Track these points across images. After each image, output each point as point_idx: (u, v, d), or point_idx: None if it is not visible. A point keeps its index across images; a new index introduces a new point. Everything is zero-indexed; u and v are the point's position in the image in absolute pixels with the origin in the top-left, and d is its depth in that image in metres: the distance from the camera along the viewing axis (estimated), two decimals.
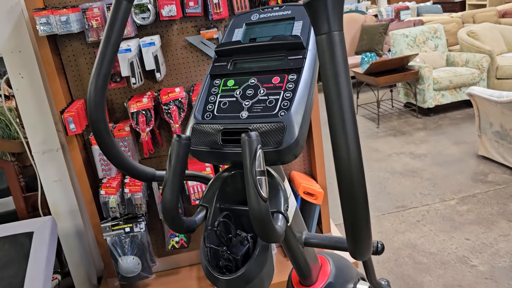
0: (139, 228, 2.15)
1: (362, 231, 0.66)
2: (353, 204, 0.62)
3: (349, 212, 0.63)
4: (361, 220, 0.64)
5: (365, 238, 0.67)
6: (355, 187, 0.60)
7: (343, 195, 0.62)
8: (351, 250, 0.71)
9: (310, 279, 1.22)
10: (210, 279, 0.79)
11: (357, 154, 0.59)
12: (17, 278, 1.90)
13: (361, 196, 0.61)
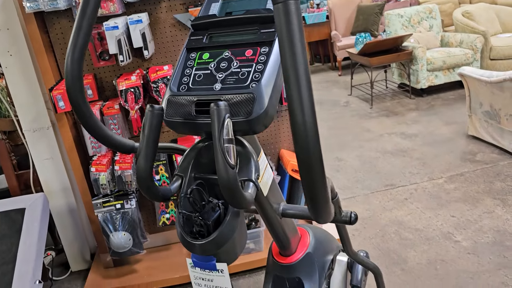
0: (130, 204, 2.19)
1: (319, 194, 0.69)
2: (309, 169, 0.65)
3: (306, 177, 0.66)
4: (317, 183, 0.67)
5: (322, 201, 0.71)
6: (310, 151, 0.63)
7: (300, 160, 0.65)
8: (312, 213, 0.75)
9: (289, 250, 1.26)
10: (184, 244, 0.83)
11: (312, 119, 0.61)
12: (10, 252, 1.95)
13: (316, 160, 0.64)
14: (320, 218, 0.75)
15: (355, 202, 2.91)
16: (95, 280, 2.33)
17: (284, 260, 1.28)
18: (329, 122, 4.50)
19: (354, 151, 3.70)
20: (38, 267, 1.92)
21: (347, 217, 1.08)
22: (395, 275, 2.18)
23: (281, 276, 1.31)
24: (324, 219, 0.76)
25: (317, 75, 6.68)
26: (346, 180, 3.23)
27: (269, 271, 1.34)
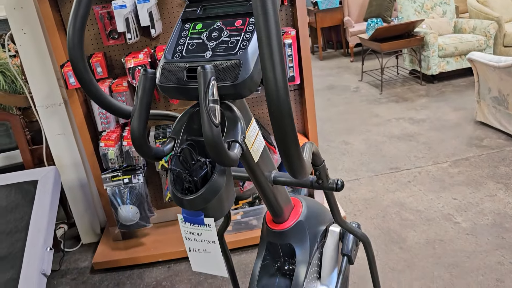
0: (137, 179, 2.27)
1: (292, 151, 0.75)
2: (280, 123, 0.70)
3: (280, 137, 0.72)
4: (289, 142, 0.73)
5: (295, 158, 0.77)
6: (281, 104, 0.68)
7: (274, 122, 0.71)
8: (287, 168, 0.80)
9: (282, 217, 1.33)
10: (175, 200, 0.90)
11: (282, 76, 0.66)
12: (23, 221, 2.05)
13: (286, 114, 0.69)
14: (294, 172, 0.81)
15: (359, 184, 2.96)
16: (104, 252, 2.44)
17: (276, 227, 1.34)
18: (339, 107, 4.52)
19: (361, 135, 3.73)
20: (49, 235, 2.02)
21: (333, 184, 1.14)
22: (393, 253, 2.23)
23: (274, 242, 1.38)
24: (299, 174, 0.82)
25: (329, 61, 6.67)
26: (351, 163, 3.27)
27: (263, 238, 1.40)
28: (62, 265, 2.53)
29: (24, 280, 1.84)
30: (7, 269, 1.89)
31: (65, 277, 2.42)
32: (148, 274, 2.33)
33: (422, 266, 2.12)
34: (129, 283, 2.29)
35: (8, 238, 1.99)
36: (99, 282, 2.33)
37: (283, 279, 1.40)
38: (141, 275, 2.34)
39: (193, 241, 0.95)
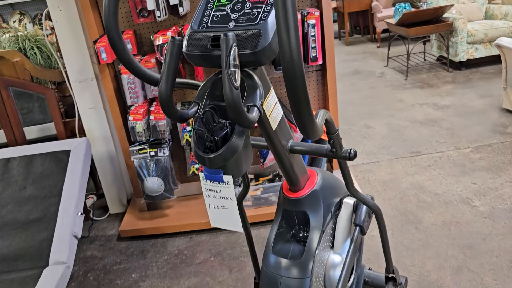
0: (162, 153, 2.38)
1: (303, 110, 0.82)
2: (294, 90, 0.77)
3: (292, 96, 0.79)
4: (301, 100, 0.80)
5: (306, 117, 0.84)
6: (296, 74, 0.75)
7: (287, 82, 0.77)
8: (299, 129, 0.87)
9: (298, 186, 1.40)
10: (197, 158, 0.98)
11: (296, 46, 0.73)
12: (56, 187, 2.19)
13: (300, 82, 0.76)
14: (305, 130, 0.88)
15: (379, 166, 2.99)
16: (130, 221, 2.57)
17: (292, 195, 1.42)
18: (362, 92, 4.53)
19: (383, 119, 3.75)
20: (80, 201, 2.16)
21: (346, 153, 1.20)
22: (409, 233, 2.28)
23: (289, 210, 1.45)
24: (309, 133, 0.89)
25: (355, 46, 6.63)
26: (372, 146, 3.30)
27: (279, 206, 1.48)
28: (91, 232, 2.68)
29: (58, 240, 1.98)
30: (42, 230, 2.04)
31: (93, 243, 2.57)
32: (171, 243, 2.45)
33: (437, 246, 2.16)
34: (153, 251, 2.41)
35: (43, 202, 2.14)
36: (125, 249, 2.47)
37: (297, 245, 1.47)
38: (164, 244, 2.46)
39: (212, 198, 1.03)
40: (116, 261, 2.38)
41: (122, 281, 2.21)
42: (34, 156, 2.31)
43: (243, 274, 2.14)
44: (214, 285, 2.10)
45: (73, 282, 2.26)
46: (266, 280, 1.43)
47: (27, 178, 2.24)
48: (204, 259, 2.29)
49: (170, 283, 2.16)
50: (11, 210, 2.14)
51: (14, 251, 1.99)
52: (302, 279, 1.36)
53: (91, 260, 2.41)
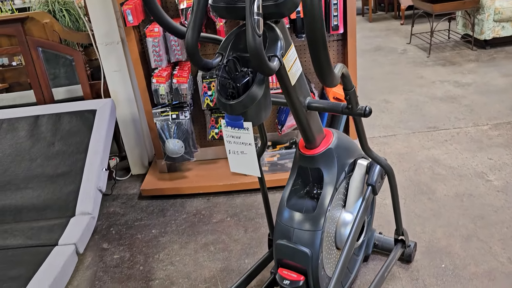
0: (184, 116, 2.46)
1: (321, 55, 0.87)
2: (313, 34, 0.82)
3: (311, 41, 0.84)
4: (319, 45, 0.85)
5: (324, 61, 0.89)
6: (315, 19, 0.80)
7: (307, 26, 0.83)
8: (318, 77, 0.93)
9: (314, 144, 1.46)
10: (219, 105, 1.05)
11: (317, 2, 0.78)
12: (83, 144, 2.30)
13: (319, 27, 0.81)
14: (323, 77, 0.93)
15: (395, 139, 3.02)
16: (151, 181, 2.68)
17: (308, 152, 1.48)
18: (384, 68, 4.50)
19: (403, 94, 3.74)
20: (105, 158, 2.26)
21: (362, 110, 1.25)
22: (421, 203, 2.32)
23: (304, 167, 1.52)
24: (329, 82, 0.94)
25: (379, 23, 6.53)
26: (389, 120, 3.32)
27: (295, 163, 1.55)
28: (114, 191, 2.80)
29: (83, 193, 2.10)
30: (69, 183, 2.16)
31: (116, 200, 2.69)
32: (189, 204, 2.56)
33: (448, 215, 2.20)
34: (172, 210, 2.52)
35: (70, 158, 2.25)
36: (146, 207, 2.58)
37: (310, 201, 1.54)
38: (183, 204, 2.56)
39: (232, 144, 1.10)
40: (137, 217, 2.49)
41: (142, 236, 2.33)
42: (62, 114, 2.41)
43: (258, 234, 2.23)
44: (229, 243, 2.20)
45: (97, 235, 2.38)
46: (280, 232, 1.51)
47: (55, 134, 2.35)
48: (220, 219, 2.39)
49: (188, 239, 2.26)
50: (40, 164, 2.26)
51: (43, 201, 2.11)
52: (314, 232, 1.44)
53: (114, 216, 2.54)
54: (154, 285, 1.99)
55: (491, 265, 1.87)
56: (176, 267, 2.08)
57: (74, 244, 1.85)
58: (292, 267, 1.48)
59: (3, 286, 1.63)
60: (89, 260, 2.21)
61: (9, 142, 2.35)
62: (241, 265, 2.04)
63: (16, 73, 3.99)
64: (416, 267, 1.91)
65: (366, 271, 1.91)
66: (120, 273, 2.08)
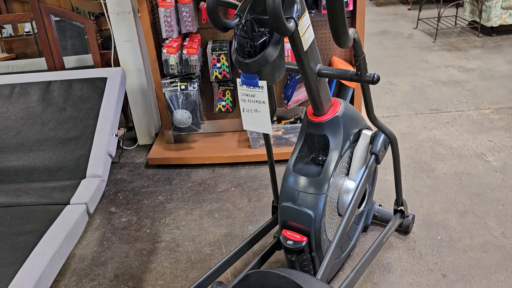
0: (192, 87, 2.51)
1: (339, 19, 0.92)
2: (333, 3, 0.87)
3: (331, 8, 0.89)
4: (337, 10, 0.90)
5: (342, 27, 0.94)
6: None
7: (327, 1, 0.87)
8: (334, 39, 0.98)
9: (321, 111, 1.52)
10: (237, 64, 1.10)
11: None
12: (93, 110, 2.35)
13: None
14: (339, 39, 0.98)
15: (398, 120, 3.08)
16: (158, 151, 2.74)
17: (315, 119, 1.54)
18: (389, 51, 4.53)
19: (407, 77, 3.79)
20: (115, 124, 2.31)
21: (370, 77, 1.31)
22: (420, 179, 2.39)
23: (312, 133, 1.58)
24: (343, 41, 0.99)
25: (386, 7, 6.53)
26: (393, 101, 3.37)
27: (302, 130, 1.61)
28: (121, 159, 2.87)
29: (94, 157, 2.16)
30: (80, 147, 2.22)
31: (123, 168, 2.76)
32: (195, 173, 2.62)
33: (446, 192, 2.27)
34: (178, 179, 2.59)
35: (81, 123, 2.31)
36: (152, 175, 2.65)
37: (315, 167, 1.61)
38: (189, 173, 2.63)
39: (247, 102, 1.16)
40: (143, 185, 2.56)
41: (149, 202, 2.40)
42: (73, 81, 2.46)
43: (261, 203, 2.31)
44: (233, 211, 2.27)
45: (105, 200, 2.46)
46: (285, 195, 1.57)
47: (66, 100, 2.40)
48: (225, 188, 2.46)
49: (193, 206, 2.34)
50: (52, 128, 2.31)
51: (55, 163, 2.17)
52: (318, 195, 1.51)
53: (121, 182, 2.61)
54: (161, 246, 2.07)
55: (485, 239, 1.95)
56: (181, 231, 2.16)
57: (85, 203, 1.92)
58: (296, 229, 1.55)
59: (19, 238, 1.70)
60: (98, 222, 2.29)
61: (21, 106, 2.40)
62: (244, 231, 2.12)
63: (22, 43, 4.02)
64: (413, 238, 1.98)
65: (365, 240, 1.99)
66: (127, 235, 2.16)
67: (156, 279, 1.88)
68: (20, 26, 4.98)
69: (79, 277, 1.94)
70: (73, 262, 2.03)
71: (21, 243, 1.67)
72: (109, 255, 2.04)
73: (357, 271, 1.54)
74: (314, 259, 1.57)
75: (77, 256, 2.07)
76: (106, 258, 2.03)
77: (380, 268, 1.83)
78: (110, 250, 2.07)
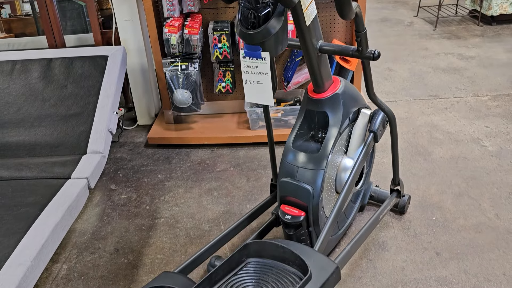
0: (193, 67, 2.52)
1: None
2: None
3: None
4: None
5: (346, 3, 0.96)
6: None
7: None
8: (338, 11, 1.00)
9: (322, 88, 1.54)
10: (241, 35, 1.12)
11: None
12: (95, 88, 2.36)
13: None
14: (342, 10, 1.00)
15: (396, 105, 3.10)
16: (157, 130, 2.76)
17: (316, 95, 1.56)
18: (389, 38, 4.54)
19: (406, 64, 3.80)
20: (116, 102, 2.33)
21: (371, 53, 1.32)
22: (417, 163, 2.42)
23: (311, 110, 1.60)
24: (345, 12, 1.01)
25: None
26: (392, 87, 3.39)
27: (302, 107, 1.63)
28: (120, 138, 2.88)
29: (95, 133, 2.18)
30: (81, 124, 2.23)
31: (123, 147, 2.78)
32: (194, 154, 2.65)
33: (442, 175, 2.31)
34: (177, 158, 2.61)
35: (82, 100, 2.32)
36: (152, 154, 2.67)
37: (315, 143, 1.63)
38: (188, 153, 2.66)
39: (250, 74, 1.17)
40: (143, 163, 2.59)
41: (148, 180, 2.43)
42: (74, 59, 2.46)
43: (259, 183, 2.33)
44: (232, 189, 2.30)
45: (105, 177, 2.48)
46: (285, 171, 1.60)
47: (68, 77, 2.41)
48: (224, 168, 2.49)
49: (192, 184, 2.36)
50: (53, 104, 2.33)
51: (56, 139, 2.19)
52: (317, 171, 1.53)
53: (121, 161, 2.63)
54: (160, 222, 2.10)
55: (479, 220, 1.99)
56: (181, 208, 2.19)
57: (86, 178, 1.94)
58: (294, 204, 1.58)
59: (21, 210, 1.72)
60: (98, 198, 2.31)
61: (22, 82, 2.41)
62: (242, 209, 2.15)
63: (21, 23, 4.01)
64: (408, 219, 2.02)
65: (361, 220, 2.02)
66: (127, 211, 2.19)
67: (156, 253, 1.91)
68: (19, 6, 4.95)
69: (79, 250, 1.97)
70: (74, 236, 2.06)
71: (23, 214, 1.69)
72: (109, 230, 2.07)
73: (353, 244, 1.58)
74: (312, 234, 1.61)
75: (78, 230, 2.10)
76: (106, 233, 2.06)
77: (375, 246, 1.87)
78: (110, 225, 2.10)
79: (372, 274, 1.73)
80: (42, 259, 1.53)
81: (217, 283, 1.19)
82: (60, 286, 1.79)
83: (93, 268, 1.86)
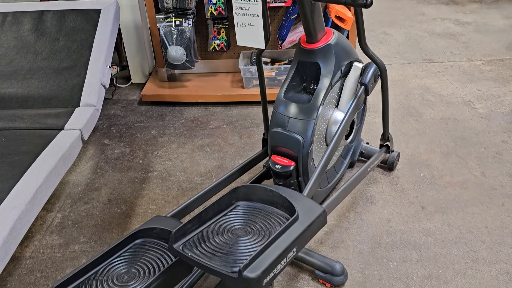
0: (187, 23, 2.50)
1: None
2: None
3: None
4: None
5: None
6: None
7: None
8: None
9: (315, 38, 1.54)
10: None
11: None
12: (87, 41, 2.34)
13: None
14: None
15: (390, 68, 3.10)
16: (151, 88, 2.76)
17: (308, 46, 1.56)
18: (385, 3, 4.49)
19: (402, 28, 3.78)
20: (109, 56, 2.32)
21: (363, 0, 1.32)
22: (408, 123, 2.45)
23: (304, 61, 1.61)
24: None
25: None
26: (387, 50, 3.38)
27: (295, 58, 1.63)
28: (114, 96, 2.88)
29: (88, 86, 2.18)
30: (74, 77, 2.23)
31: (116, 104, 2.78)
32: (188, 111, 2.66)
33: (432, 135, 2.34)
34: (171, 115, 2.63)
35: (75, 53, 2.30)
36: (145, 111, 2.68)
37: (306, 95, 1.65)
38: (182, 111, 2.67)
39: (241, 16, 1.18)
40: (137, 120, 2.60)
41: (142, 135, 2.45)
42: (67, 11, 2.43)
43: (252, 140, 2.36)
44: (224, 146, 2.33)
45: (98, 132, 2.50)
46: (276, 122, 1.62)
47: (60, 30, 2.38)
48: (217, 125, 2.51)
49: (185, 140, 2.39)
50: (45, 57, 2.31)
51: (49, 91, 2.19)
52: (307, 121, 1.56)
53: (114, 117, 2.64)
54: (153, 176, 2.13)
55: (465, 177, 2.03)
56: (173, 163, 2.22)
57: (80, 130, 1.95)
58: (285, 154, 1.61)
59: (15, 158, 1.74)
60: (91, 152, 2.34)
61: (14, 34, 2.38)
62: (234, 164, 2.18)
63: None
64: (396, 175, 2.06)
65: (351, 175, 2.06)
66: (120, 165, 2.22)
67: (148, 204, 1.95)
68: None
69: (73, 200, 2.00)
70: (68, 187, 2.09)
71: (17, 162, 1.71)
72: (103, 182, 2.10)
73: (340, 192, 1.62)
74: (301, 184, 1.64)
75: (71, 182, 2.13)
76: (99, 184, 2.09)
77: (363, 200, 1.92)
78: (104, 178, 2.13)
79: (359, 225, 1.79)
80: (36, 203, 1.56)
81: (206, 222, 1.23)
82: (55, 233, 1.83)
83: (87, 217, 1.90)
